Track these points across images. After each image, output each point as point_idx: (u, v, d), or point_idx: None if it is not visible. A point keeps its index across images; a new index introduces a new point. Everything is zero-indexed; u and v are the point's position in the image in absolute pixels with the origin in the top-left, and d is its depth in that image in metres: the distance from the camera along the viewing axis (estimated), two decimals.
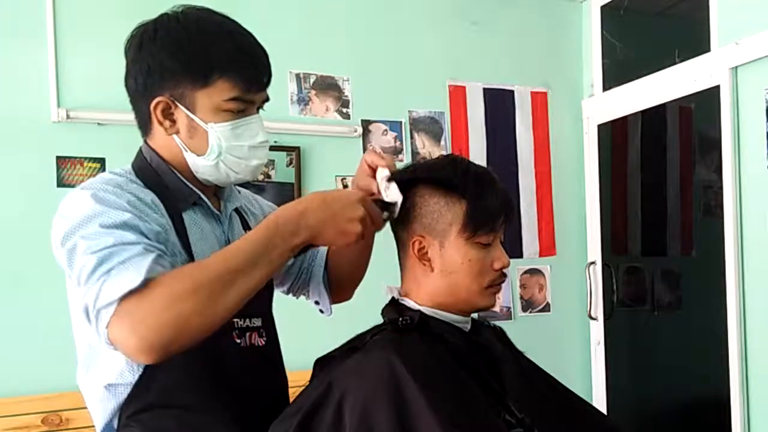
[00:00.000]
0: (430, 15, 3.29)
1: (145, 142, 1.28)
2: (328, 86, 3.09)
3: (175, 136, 1.22)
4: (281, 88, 2.96)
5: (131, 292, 1.00)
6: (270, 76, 1.25)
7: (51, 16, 2.65)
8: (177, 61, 1.18)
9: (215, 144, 1.21)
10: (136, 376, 1.18)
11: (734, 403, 2.77)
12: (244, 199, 1.45)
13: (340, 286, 1.57)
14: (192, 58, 1.18)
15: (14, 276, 2.57)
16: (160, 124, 1.22)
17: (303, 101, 3.03)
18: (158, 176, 1.24)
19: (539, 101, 3.48)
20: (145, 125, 1.26)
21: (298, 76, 3.03)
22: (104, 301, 1.01)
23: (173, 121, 1.22)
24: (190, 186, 1.27)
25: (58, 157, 2.62)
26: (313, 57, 3.06)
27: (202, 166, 1.24)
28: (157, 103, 1.20)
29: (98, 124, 2.66)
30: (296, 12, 3.00)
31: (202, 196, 1.28)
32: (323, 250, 1.55)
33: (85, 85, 2.69)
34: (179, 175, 1.25)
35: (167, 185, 1.24)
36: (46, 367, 2.51)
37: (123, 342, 1.01)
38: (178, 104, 1.20)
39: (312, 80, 3.06)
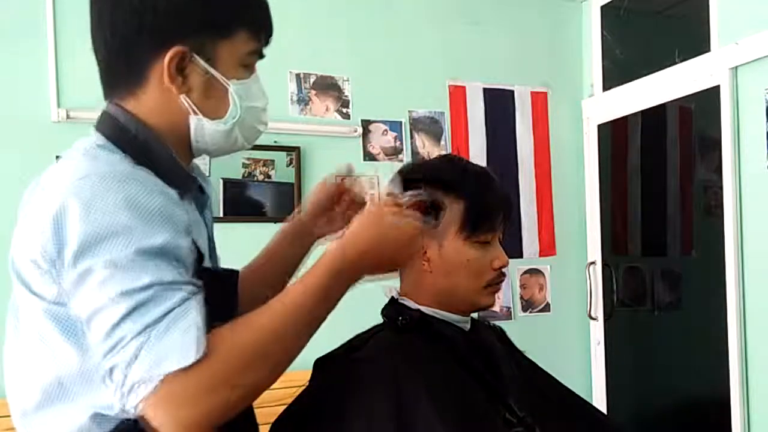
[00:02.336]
0: (430, 15, 3.29)
1: (118, 104, 1.04)
2: (328, 86, 3.09)
3: (183, 96, 1.01)
4: (281, 88, 2.96)
5: (180, 369, 0.83)
6: (273, 29, 1.11)
7: (51, 16, 2.65)
8: (201, 4, 1.01)
9: (236, 105, 1.04)
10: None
11: (734, 403, 2.77)
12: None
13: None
14: (217, 3, 1.02)
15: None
16: (172, 80, 1.00)
17: (303, 101, 3.03)
18: (149, 153, 1.00)
19: (539, 101, 3.48)
20: (131, 79, 1.02)
21: (298, 76, 3.03)
22: (143, 373, 0.83)
23: (184, 78, 1.01)
24: (185, 167, 1.06)
25: (58, 157, 2.61)
26: (313, 57, 3.05)
27: (211, 132, 1.04)
28: (176, 53, 0.98)
29: None
30: (296, 12, 2.99)
31: (199, 179, 1.10)
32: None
33: (85, 85, 2.67)
34: (172, 152, 1.03)
35: (161, 166, 1.00)
36: None
37: (162, 424, 0.85)
38: (197, 57, 1.00)
39: (312, 80, 3.06)
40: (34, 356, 0.97)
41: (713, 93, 2.86)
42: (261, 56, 1.09)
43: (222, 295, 1.09)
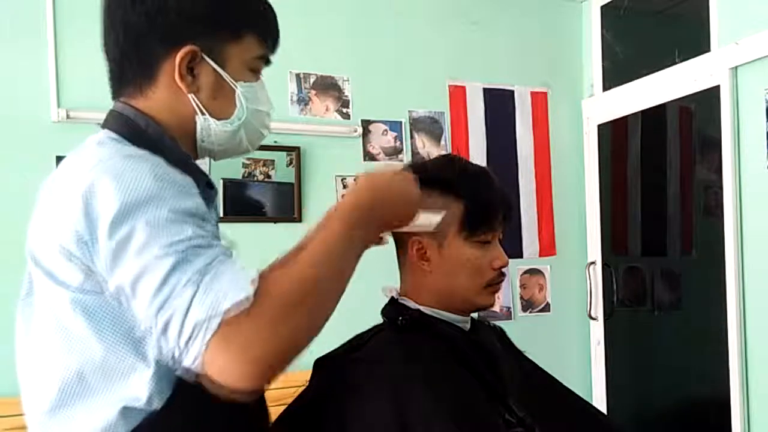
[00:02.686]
0: (430, 15, 3.29)
1: (126, 102, 1.06)
2: (328, 86, 3.09)
3: (191, 95, 1.04)
4: (281, 88, 2.96)
5: (239, 305, 0.83)
6: (279, 38, 1.15)
7: (51, 16, 2.65)
8: (213, 6, 1.04)
9: (243, 106, 1.07)
10: (164, 400, 0.95)
11: (734, 403, 2.77)
12: None
13: None
14: (228, 6, 1.05)
15: (13, 275, 2.56)
16: (182, 78, 1.02)
17: (303, 101, 3.03)
18: (160, 145, 1.01)
19: (539, 101, 3.48)
20: (142, 78, 1.05)
21: (298, 76, 3.03)
22: (202, 315, 0.82)
23: (193, 77, 1.04)
24: (196, 164, 1.08)
25: (58, 157, 2.62)
26: (313, 57, 3.05)
27: (217, 132, 1.07)
28: (187, 52, 1.02)
29: (98, 124, 2.65)
30: (296, 12, 2.99)
31: (209, 176, 1.11)
32: None
33: (85, 85, 2.69)
34: (181, 147, 1.05)
35: (173, 158, 1.00)
36: None
37: (225, 368, 0.83)
38: (206, 58, 1.04)
39: (312, 80, 3.06)
40: (52, 351, 0.97)
41: (713, 93, 2.86)
42: (268, 62, 1.13)
43: None
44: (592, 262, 3.49)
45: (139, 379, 0.93)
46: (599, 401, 3.41)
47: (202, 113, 1.05)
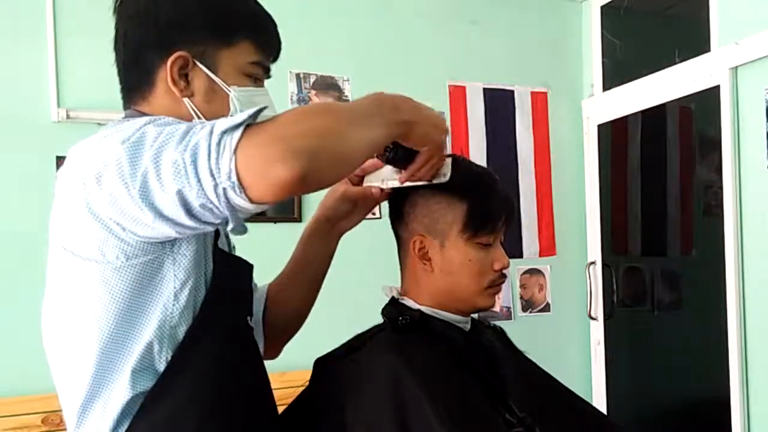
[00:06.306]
0: (430, 15, 3.29)
1: (134, 109, 1.11)
2: (328, 86, 3.09)
3: (186, 99, 1.08)
4: (281, 88, 2.96)
5: (257, 117, 0.88)
6: (281, 48, 1.18)
7: (51, 16, 2.65)
8: (203, 14, 1.08)
9: (236, 110, 1.08)
10: (162, 364, 1.01)
11: (734, 403, 2.77)
12: None
13: (274, 336, 1.36)
14: (220, 14, 1.09)
15: (14, 275, 2.57)
16: (174, 83, 1.07)
17: (303, 101, 3.03)
18: None
19: (539, 101, 3.48)
20: (143, 86, 1.10)
21: (298, 76, 3.03)
22: (225, 125, 0.87)
23: (188, 82, 1.08)
24: None
25: (58, 157, 2.62)
26: (313, 57, 3.05)
27: None
28: (177, 59, 1.06)
29: (98, 124, 2.64)
30: (296, 12, 2.99)
31: None
32: (262, 289, 1.36)
33: (85, 85, 2.69)
34: None
35: None
36: (46, 367, 2.50)
37: (258, 160, 0.86)
38: (198, 63, 1.08)
39: (312, 80, 3.06)
40: (78, 339, 1.01)
41: (713, 93, 2.86)
42: (267, 71, 1.16)
43: (239, 276, 1.15)
44: (592, 262, 3.49)
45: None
46: (599, 401, 3.41)
47: (198, 117, 1.08)
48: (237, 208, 0.89)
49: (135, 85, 1.11)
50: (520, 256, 3.39)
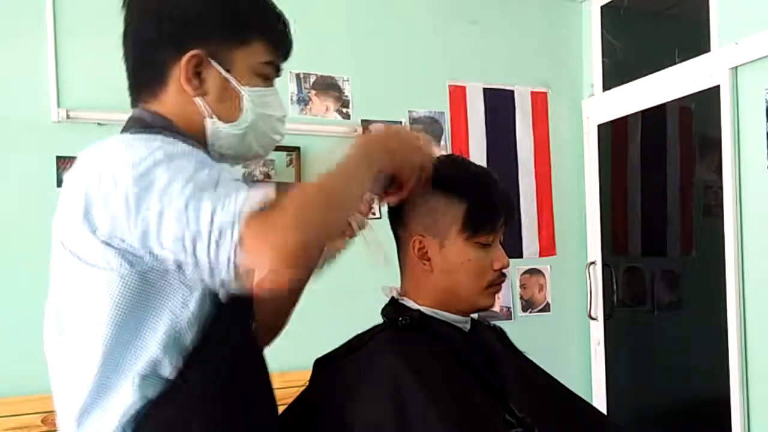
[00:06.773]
0: (430, 15, 3.29)
1: (144, 107, 1.10)
2: (328, 86, 3.09)
3: (199, 98, 1.08)
4: (281, 88, 2.94)
5: (260, 204, 0.89)
6: (292, 48, 1.19)
7: (51, 16, 2.65)
8: (218, 12, 1.08)
9: (248, 110, 1.10)
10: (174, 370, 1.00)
11: (734, 403, 2.77)
12: None
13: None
14: (234, 12, 1.09)
15: (14, 276, 2.57)
16: (188, 82, 1.06)
17: (303, 101, 3.03)
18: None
19: (539, 101, 3.48)
20: (154, 84, 1.09)
21: (298, 76, 3.03)
22: (227, 216, 0.88)
23: (201, 81, 1.08)
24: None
25: (58, 157, 2.62)
26: (313, 57, 3.05)
27: (225, 135, 1.10)
28: (191, 57, 1.06)
29: (98, 124, 2.66)
30: (296, 12, 2.99)
31: None
32: None
33: (85, 85, 2.69)
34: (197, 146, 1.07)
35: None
36: (46, 367, 2.51)
37: (257, 255, 0.88)
38: (212, 62, 1.07)
39: (312, 80, 3.06)
40: (81, 343, 1.01)
41: (713, 93, 2.86)
42: (278, 71, 1.16)
43: None
44: (592, 262, 3.49)
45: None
46: (599, 401, 3.41)
47: (210, 116, 1.08)
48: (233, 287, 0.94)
49: (145, 83, 1.10)
50: (520, 256, 3.39)
